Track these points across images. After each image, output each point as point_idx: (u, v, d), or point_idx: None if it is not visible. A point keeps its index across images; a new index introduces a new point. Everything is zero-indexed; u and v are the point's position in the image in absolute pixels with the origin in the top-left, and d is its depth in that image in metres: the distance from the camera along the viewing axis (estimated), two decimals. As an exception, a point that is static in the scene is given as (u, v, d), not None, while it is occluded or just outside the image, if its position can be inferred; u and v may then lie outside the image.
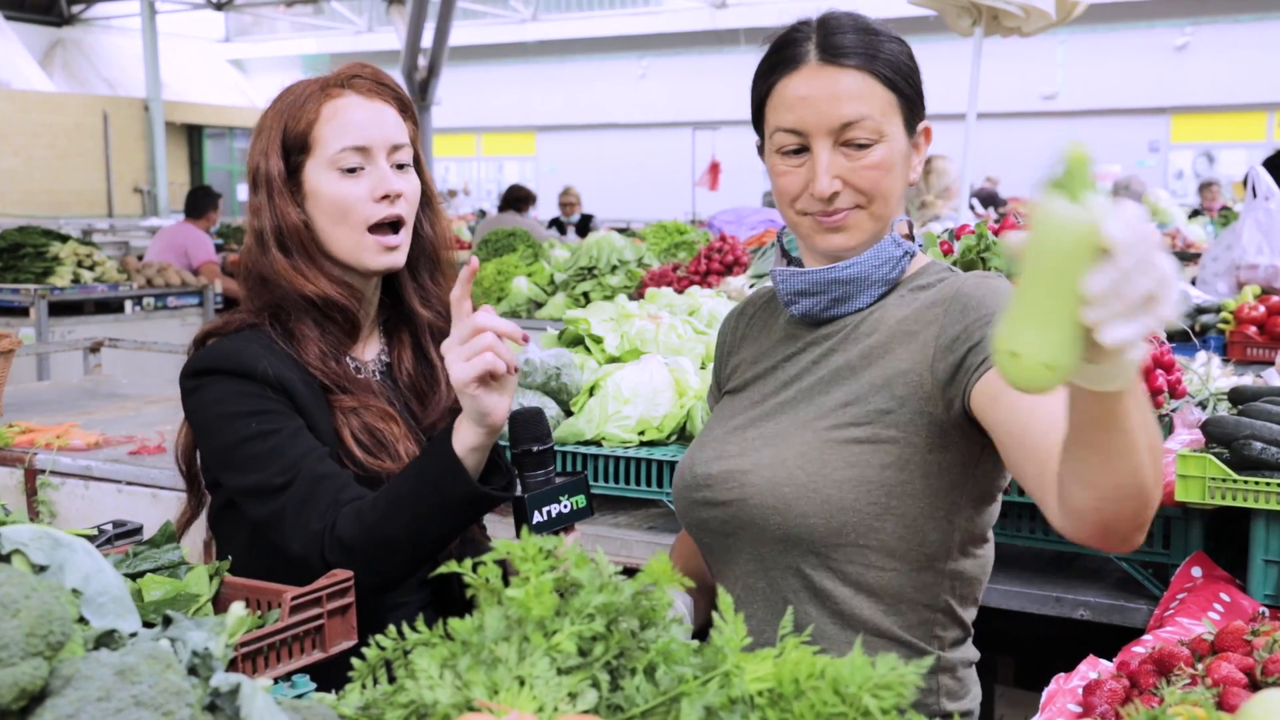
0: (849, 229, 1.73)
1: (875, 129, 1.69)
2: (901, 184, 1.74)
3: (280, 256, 1.90)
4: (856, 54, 1.69)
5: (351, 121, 1.89)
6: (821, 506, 1.67)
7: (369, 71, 1.95)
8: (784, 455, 1.72)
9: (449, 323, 1.97)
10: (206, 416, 1.88)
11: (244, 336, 1.90)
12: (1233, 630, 1.61)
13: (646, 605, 1.14)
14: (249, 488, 1.82)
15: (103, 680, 1.03)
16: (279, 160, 1.90)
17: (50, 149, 24.69)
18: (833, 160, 1.69)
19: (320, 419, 1.87)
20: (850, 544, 1.69)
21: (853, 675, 1.02)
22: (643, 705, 1.08)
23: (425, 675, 1.08)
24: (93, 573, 1.22)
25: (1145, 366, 2.35)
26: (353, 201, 1.88)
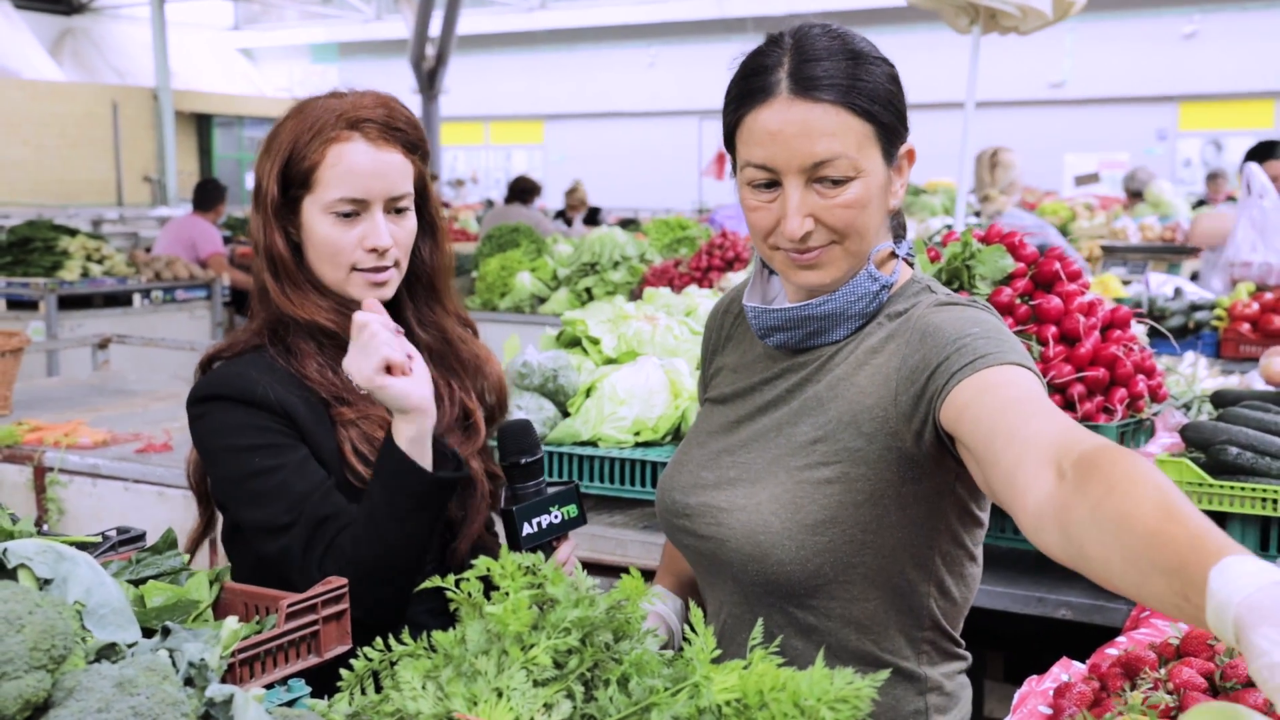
0: (823, 266, 1.67)
1: (850, 166, 1.60)
2: (880, 216, 1.68)
3: (271, 280, 1.94)
4: (831, 86, 1.59)
5: (354, 170, 1.89)
6: (797, 553, 1.66)
7: (382, 114, 1.93)
8: (758, 498, 1.69)
9: (447, 345, 2.04)
10: (212, 446, 1.93)
11: (246, 360, 1.94)
12: (1198, 635, 1.66)
13: (620, 619, 1.20)
14: (255, 525, 1.87)
15: (103, 692, 1.09)
16: (276, 187, 1.92)
17: (60, 138, 24.77)
18: (804, 199, 1.62)
19: (323, 437, 1.91)
20: (829, 581, 1.68)
21: (811, 688, 1.08)
22: (615, 715, 1.14)
23: (409, 686, 1.15)
24: (95, 586, 1.28)
25: (1126, 372, 2.40)
26: (341, 247, 1.91)
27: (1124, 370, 2.41)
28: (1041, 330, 2.40)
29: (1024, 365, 1.54)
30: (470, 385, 2.07)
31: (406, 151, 1.95)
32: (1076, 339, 2.39)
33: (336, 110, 1.93)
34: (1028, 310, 2.42)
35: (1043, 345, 2.38)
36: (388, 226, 1.92)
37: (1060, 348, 2.38)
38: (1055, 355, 2.37)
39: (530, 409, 2.96)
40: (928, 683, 1.77)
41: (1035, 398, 1.47)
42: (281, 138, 1.94)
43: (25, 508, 3.59)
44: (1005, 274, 2.46)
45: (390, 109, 1.94)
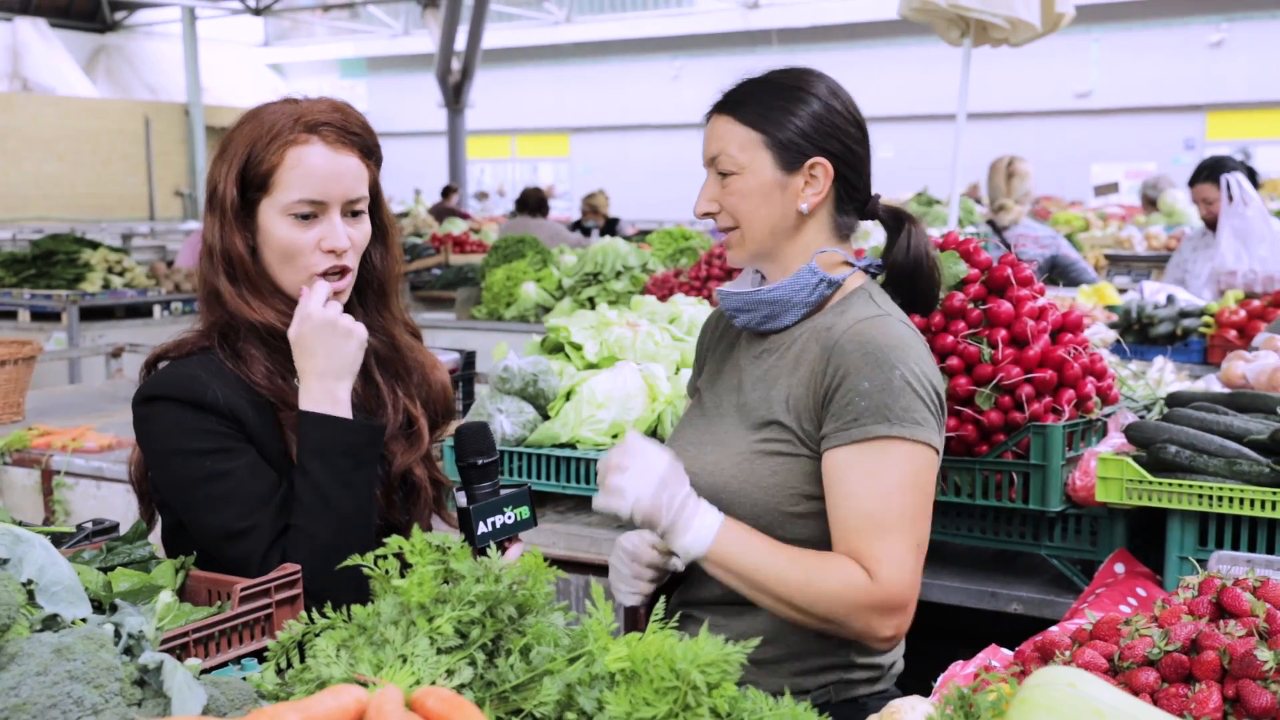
0: (732, 246, 2.13)
1: (733, 163, 2.05)
2: (775, 210, 2.06)
3: (227, 283, 1.97)
4: (729, 105, 2.07)
5: (312, 173, 1.94)
6: (751, 509, 2.01)
7: (338, 119, 1.98)
8: (723, 463, 2.06)
9: (395, 351, 2.11)
10: (161, 449, 1.94)
11: (194, 361, 1.96)
12: (1109, 621, 1.74)
13: (524, 594, 1.30)
14: (210, 530, 1.90)
15: (42, 657, 1.19)
16: (234, 190, 1.95)
17: (94, 154, 25.14)
18: (708, 186, 2.11)
19: (270, 441, 1.95)
20: (778, 538, 1.97)
21: (685, 654, 1.17)
22: (514, 680, 1.24)
23: (324, 654, 1.25)
24: (47, 565, 1.38)
25: (1074, 374, 2.48)
26: (300, 249, 1.96)
27: (1072, 372, 2.48)
28: (992, 333, 2.48)
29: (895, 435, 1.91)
30: (415, 392, 2.11)
31: (362, 156, 2.00)
32: (1026, 342, 2.47)
33: (293, 114, 1.96)
34: (979, 314, 2.50)
35: (993, 348, 2.46)
36: (344, 229, 1.98)
37: (1010, 350, 2.46)
38: (1005, 357, 2.45)
39: (510, 412, 3.06)
40: None
41: (874, 512, 1.91)
42: (237, 141, 1.97)
43: (33, 509, 3.72)
44: (958, 279, 2.54)
45: (345, 114, 1.99)
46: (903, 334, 1.99)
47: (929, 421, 1.94)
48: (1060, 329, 2.56)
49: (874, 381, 1.91)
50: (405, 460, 2.05)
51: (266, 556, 1.88)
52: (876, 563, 1.88)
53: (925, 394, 1.94)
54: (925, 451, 1.93)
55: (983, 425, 2.48)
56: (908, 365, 1.94)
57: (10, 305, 7.75)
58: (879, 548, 1.89)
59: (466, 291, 6.69)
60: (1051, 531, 2.51)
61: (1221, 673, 1.52)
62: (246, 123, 1.99)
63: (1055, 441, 2.43)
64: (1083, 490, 2.44)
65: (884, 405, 1.90)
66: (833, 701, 2.05)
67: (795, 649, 2.04)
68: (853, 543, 1.90)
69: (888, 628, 1.91)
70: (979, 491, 2.53)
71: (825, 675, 2.06)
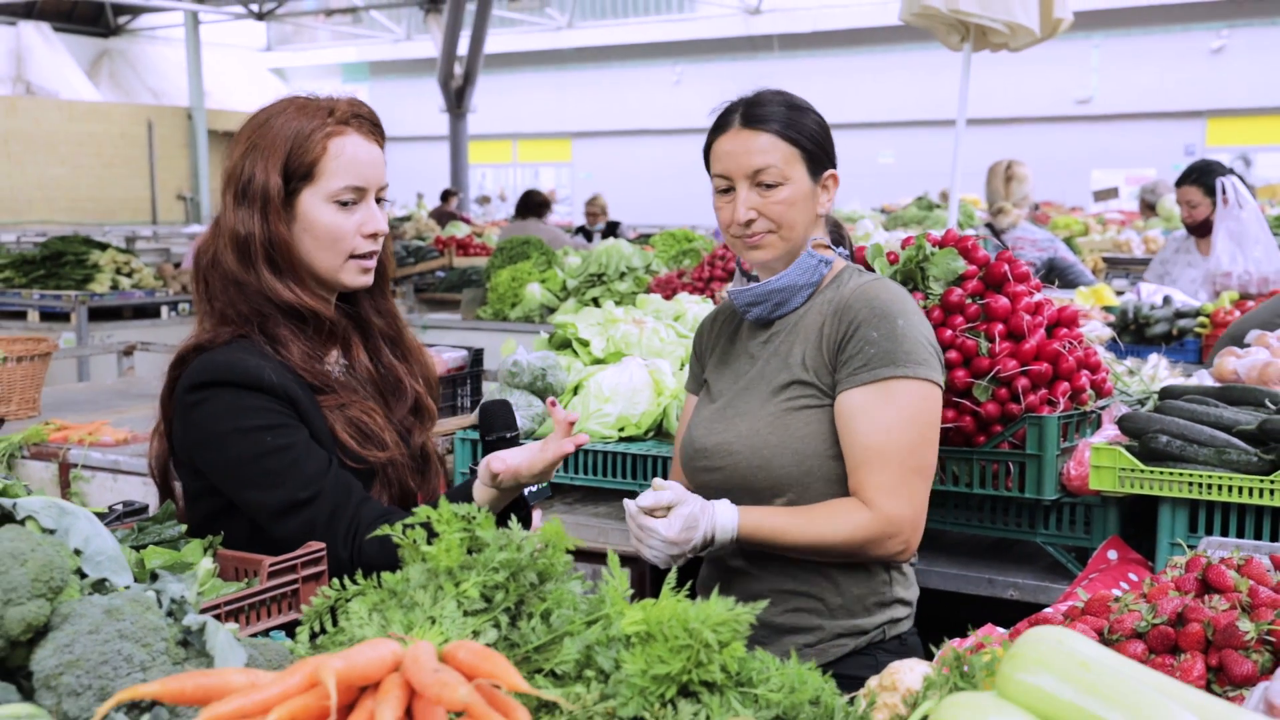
0: (763, 247, 2.29)
1: (779, 174, 2.24)
2: (808, 215, 2.29)
3: (267, 271, 2.06)
4: (766, 120, 2.25)
5: (354, 161, 2.08)
6: (793, 458, 2.24)
7: (367, 111, 2.13)
8: (758, 425, 2.27)
9: (399, 332, 2.26)
10: (217, 430, 2.02)
11: (239, 347, 2.05)
12: (1099, 598, 1.82)
13: (544, 562, 1.37)
14: (276, 505, 1.99)
15: (93, 618, 1.27)
16: (279, 179, 2.05)
17: (97, 157, 25.23)
18: (749, 197, 2.26)
19: (316, 419, 2.06)
20: (819, 479, 2.24)
21: (697, 615, 1.25)
22: (535, 641, 1.32)
23: (357, 617, 1.32)
24: (92, 535, 1.46)
25: (1069, 367, 2.56)
26: (343, 233, 2.08)
27: (1067, 365, 2.56)
28: (990, 327, 2.55)
29: (900, 375, 2.16)
30: (416, 371, 2.25)
31: (382, 147, 2.15)
32: (1022, 336, 2.55)
33: (326, 108, 2.10)
34: (977, 309, 2.58)
35: (990, 341, 2.54)
36: (380, 216, 2.12)
37: (1007, 344, 2.54)
38: (1001, 351, 2.53)
39: (520, 405, 3.14)
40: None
41: (876, 445, 2.16)
42: (276, 133, 2.06)
43: (51, 502, 3.79)
44: (956, 275, 2.62)
45: (369, 109, 2.14)
46: (899, 291, 2.28)
47: (929, 360, 2.21)
48: (1056, 324, 2.64)
49: (880, 330, 2.18)
50: (421, 436, 2.19)
51: (332, 523, 1.97)
52: (875, 491, 2.16)
53: (925, 338, 2.22)
54: (928, 387, 2.20)
55: (980, 417, 2.56)
56: (907, 316, 2.22)
57: (20, 306, 7.83)
58: (877, 478, 2.16)
59: (472, 293, 6.77)
60: (1047, 520, 2.59)
61: (1205, 644, 1.60)
62: (280, 115, 2.09)
63: (1050, 432, 2.51)
64: (1077, 479, 2.52)
65: (890, 350, 2.17)
66: (888, 637, 2.28)
67: (851, 594, 2.26)
68: (859, 475, 2.18)
69: (895, 546, 2.19)
70: (976, 481, 2.60)
71: (879, 614, 2.27)
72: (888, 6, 11.06)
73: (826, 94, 3.26)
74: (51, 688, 1.22)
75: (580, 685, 1.25)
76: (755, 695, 1.25)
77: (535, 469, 2.00)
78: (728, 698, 1.23)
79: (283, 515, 1.99)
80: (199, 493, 2.13)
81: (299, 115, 2.08)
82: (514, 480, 2.00)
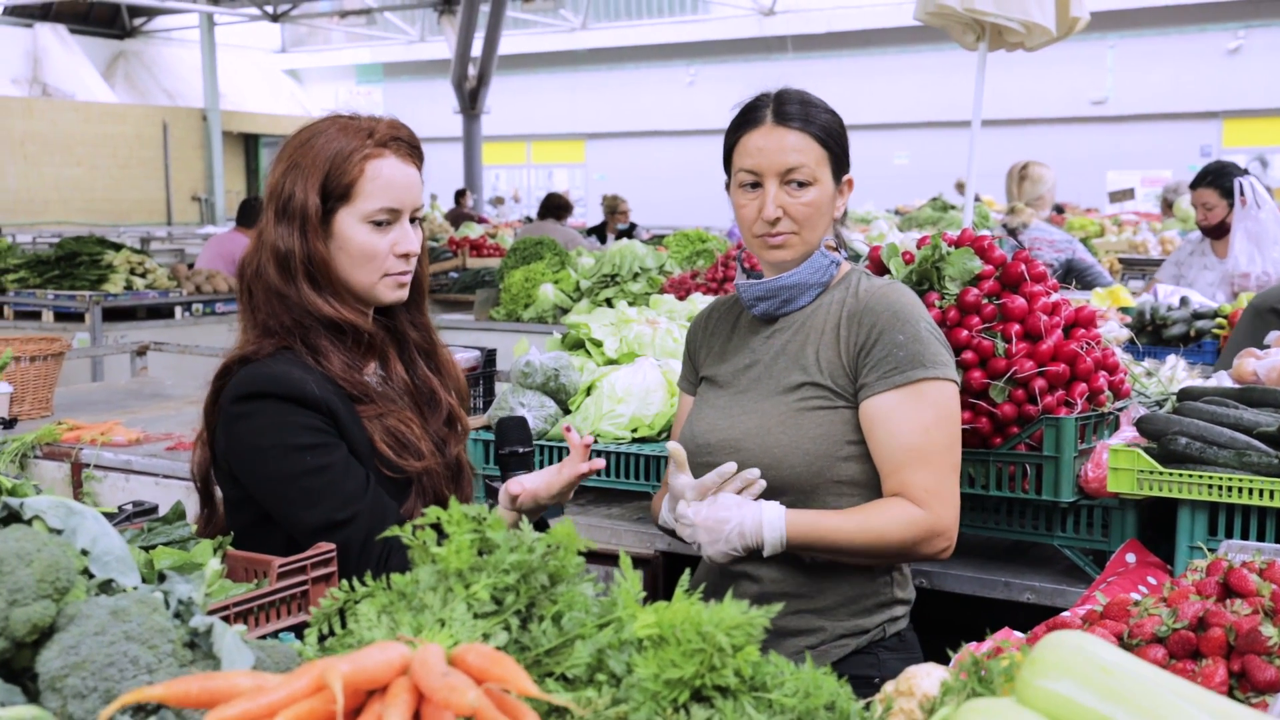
0: (786, 247, 2.29)
1: (810, 174, 2.25)
2: (827, 218, 2.31)
3: (307, 287, 2.11)
4: (799, 119, 2.26)
5: (391, 184, 2.12)
6: (803, 458, 2.23)
7: (406, 134, 2.18)
8: (767, 424, 2.27)
9: (433, 346, 2.29)
10: (260, 444, 2.06)
11: (283, 359, 2.09)
12: (1119, 602, 1.79)
13: (555, 564, 1.35)
14: (312, 525, 2.02)
15: (99, 619, 1.26)
16: (317, 199, 2.10)
17: (112, 159, 25.33)
18: (778, 195, 2.26)
19: (356, 430, 2.09)
20: (826, 481, 2.24)
21: (711, 618, 1.23)
22: (546, 644, 1.30)
23: (365, 619, 1.31)
24: (100, 536, 1.45)
25: (1087, 368, 2.53)
26: (377, 252, 2.13)
27: (1084, 366, 2.53)
28: (1006, 328, 2.53)
29: (930, 376, 2.19)
30: (449, 384, 2.28)
31: (419, 169, 2.19)
32: (1039, 336, 2.52)
33: (365, 129, 2.14)
34: (994, 309, 2.55)
35: (1007, 342, 2.51)
36: (414, 236, 2.17)
37: (1023, 344, 2.52)
38: (1018, 351, 2.51)
39: (532, 406, 3.12)
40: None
41: (917, 445, 2.18)
42: (316, 153, 2.11)
43: (63, 502, 3.79)
44: (973, 275, 2.59)
45: (409, 131, 2.19)
46: (914, 296, 2.31)
47: (949, 361, 2.26)
48: (1073, 324, 2.61)
49: (906, 334, 2.21)
50: (456, 448, 2.24)
51: (365, 545, 2.00)
52: (924, 492, 2.18)
53: (941, 339, 2.27)
54: (951, 386, 2.24)
55: (997, 418, 2.54)
56: (925, 319, 2.26)
57: (34, 305, 7.84)
58: (924, 477, 2.18)
59: (485, 293, 6.76)
60: (1064, 522, 2.56)
61: (1227, 649, 1.57)
62: (321, 135, 2.13)
63: (1068, 434, 2.48)
64: (1095, 481, 2.49)
65: (918, 353, 2.20)
66: (887, 635, 2.29)
67: (851, 594, 2.27)
68: (901, 476, 2.20)
69: (941, 545, 2.22)
70: (993, 483, 2.58)
71: (878, 614, 2.28)
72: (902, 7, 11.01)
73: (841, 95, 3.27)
74: (57, 690, 1.20)
75: (592, 689, 1.24)
76: (769, 700, 1.23)
77: (553, 491, 2.10)
78: (741, 703, 1.21)
79: (318, 535, 1.99)
80: (240, 501, 2.16)
81: (340, 135, 2.12)
82: (533, 503, 2.10)
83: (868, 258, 2.79)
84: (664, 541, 2.89)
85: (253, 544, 2.01)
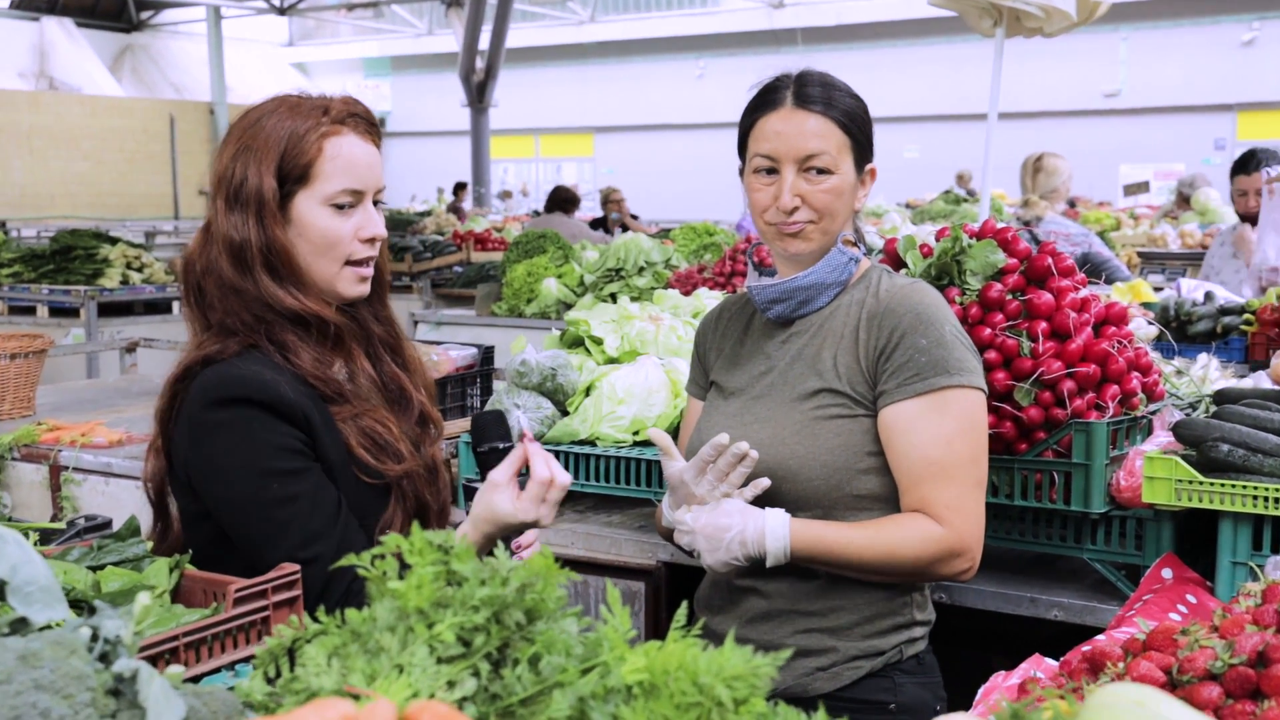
0: (803, 238, 2.13)
1: (831, 162, 2.10)
2: (847, 209, 2.16)
3: (267, 278, 1.92)
4: (821, 102, 2.11)
5: (352, 163, 1.94)
6: (821, 470, 2.08)
7: (363, 110, 1.99)
8: (782, 434, 2.11)
9: (398, 341, 2.12)
10: (225, 463, 1.87)
11: (252, 359, 1.90)
12: (1163, 630, 1.62)
13: (534, 598, 1.18)
14: (271, 560, 1.79)
15: (5, 665, 1.09)
16: (274, 182, 1.91)
17: (119, 152, 25.24)
18: (795, 183, 2.10)
19: (330, 436, 1.92)
20: (845, 495, 2.09)
21: (709, 667, 1.06)
22: (521, 693, 1.13)
23: (313, 663, 1.14)
24: (21, 563, 1.28)
25: (1119, 368, 2.36)
26: (340, 238, 1.95)
27: (1116, 367, 2.36)
28: (1032, 326, 2.35)
29: (954, 384, 2.04)
30: (418, 382, 2.11)
31: (378, 147, 2.01)
32: (1068, 335, 2.35)
33: (319, 106, 1.96)
34: (1018, 306, 2.38)
35: (1033, 341, 2.34)
36: (378, 220, 1.99)
37: (1051, 343, 2.34)
38: (1045, 351, 2.33)
39: (528, 407, 2.96)
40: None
41: (937, 458, 2.03)
42: (269, 134, 1.93)
43: (42, 505, 3.64)
44: (996, 269, 2.42)
45: (365, 107, 2.00)
46: (938, 296, 2.16)
47: (977, 368, 2.10)
48: (1103, 322, 2.44)
49: (929, 338, 2.06)
50: (430, 447, 2.07)
51: (328, 585, 1.84)
52: (945, 509, 2.03)
53: (968, 344, 2.12)
54: (978, 395, 2.09)
55: (1022, 422, 2.36)
56: (951, 321, 2.11)
57: (29, 300, 7.70)
58: (946, 493, 2.03)
59: (487, 287, 6.58)
60: (1094, 534, 2.39)
61: (1292, 688, 1.40)
62: (268, 117, 1.95)
63: (1099, 439, 2.31)
64: (1128, 491, 2.32)
65: (942, 359, 2.05)
66: (904, 657, 2.13)
67: (867, 614, 2.12)
68: (921, 491, 2.04)
69: (962, 565, 2.06)
70: (1018, 492, 2.41)
71: (895, 636, 2.13)
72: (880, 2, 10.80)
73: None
74: (-49, 749, 1.04)
75: (570, 748, 1.07)
76: (776, 764, 1.06)
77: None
78: (744, 768, 1.05)
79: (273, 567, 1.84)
80: (197, 516, 1.97)
81: (292, 115, 1.94)
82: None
83: (883, 251, 2.62)
84: (666, 552, 2.72)
85: (212, 563, 1.83)
